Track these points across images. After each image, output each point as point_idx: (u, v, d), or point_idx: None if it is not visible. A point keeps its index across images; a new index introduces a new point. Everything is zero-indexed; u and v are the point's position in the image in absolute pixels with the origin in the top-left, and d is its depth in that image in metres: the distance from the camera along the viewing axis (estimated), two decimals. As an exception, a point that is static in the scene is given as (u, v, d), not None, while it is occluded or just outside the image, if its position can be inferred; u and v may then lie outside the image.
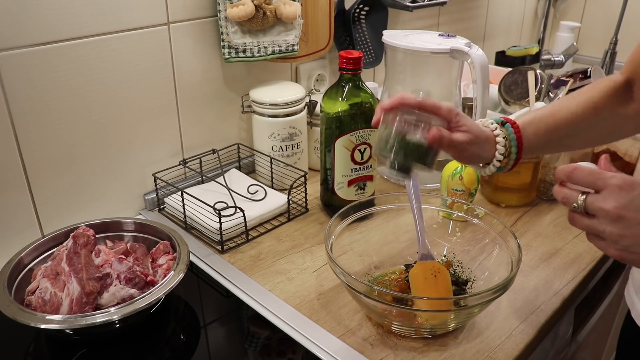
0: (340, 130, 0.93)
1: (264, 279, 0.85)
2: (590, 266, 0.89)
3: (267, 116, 1.05)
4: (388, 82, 1.12)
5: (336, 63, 1.05)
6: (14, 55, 0.80)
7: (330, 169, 0.97)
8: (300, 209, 1.04)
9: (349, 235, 0.85)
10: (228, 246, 0.93)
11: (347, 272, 0.70)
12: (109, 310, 0.70)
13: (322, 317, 0.78)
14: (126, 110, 0.95)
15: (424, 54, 1.02)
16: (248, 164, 1.16)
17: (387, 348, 0.72)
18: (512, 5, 1.91)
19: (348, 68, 0.91)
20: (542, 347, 0.81)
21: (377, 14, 1.33)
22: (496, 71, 1.43)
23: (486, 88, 1.00)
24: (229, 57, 1.02)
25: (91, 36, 0.87)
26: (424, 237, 0.81)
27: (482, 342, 0.74)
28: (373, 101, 0.93)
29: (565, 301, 0.82)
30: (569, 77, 1.38)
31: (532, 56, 1.77)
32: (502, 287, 0.69)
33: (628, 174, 1.09)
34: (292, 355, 0.74)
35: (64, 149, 0.89)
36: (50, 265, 0.77)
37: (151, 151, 1.02)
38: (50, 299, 0.73)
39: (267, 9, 0.99)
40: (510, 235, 0.78)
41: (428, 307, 0.73)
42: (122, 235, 0.88)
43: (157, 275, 0.80)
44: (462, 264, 0.85)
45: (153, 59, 0.96)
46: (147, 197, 1.03)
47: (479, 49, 0.98)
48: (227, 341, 0.78)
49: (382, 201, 0.90)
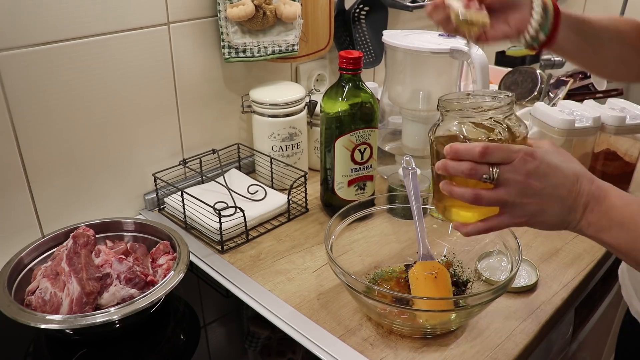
0: (340, 130, 0.93)
1: (264, 279, 0.85)
2: (590, 266, 0.89)
3: (267, 116, 1.05)
4: (388, 82, 1.12)
5: (336, 63, 1.05)
6: (14, 55, 0.80)
7: (330, 169, 0.97)
8: (300, 209, 1.04)
9: (349, 235, 0.85)
10: (228, 246, 0.93)
11: (347, 272, 0.70)
12: (109, 310, 0.70)
13: (322, 317, 0.78)
14: (126, 110, 0.95)
15: (424, 54, 1.02)
16: (248, 164, 1.16)
17: (387, 348, 0.72)
18: (512, 5, 1.91)
19: (348, 68, 0.91)
20: (542, 347, 0.81)
21: (377, 14, 1.33)
22: (496, 71, 1.43)
23: (486, 88, 1.00)
24: (229, 57, 1.02)
25: (91, 36, 0.87)
26: (424, 237, 0.81)
27: (482, 342, 0.74)
28: (373, 101, 0.93)
29: (565, 301, 0.82)
30: (569, 77, 1.38)
31: (532, 56, 1.77)
32: (502, 287, 0.69)
33: (628, 174, 1.10)
34: (292, 355, 0.74)
35: (64, 149, 0.89)
36: (50, 265, 0.77)
37: (151, 151, 1.02)
38: (50, 299, 0.73)
39: (267, 9, 0.99)
40: (510, 235, 0.78)
41: (428, 307, 0.73)
42: (122, 235, 0.88)
43: (157, 275, 0.80)
44: (462, 264, 0.85)
45: (153, 59, 0.96)
46: (147, 197, 1.03)
47: (479, 49, 0.98)
48: (227, 341, 0.78)
49: (382, 201, 0.90)
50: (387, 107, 1.15)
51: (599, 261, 0.91)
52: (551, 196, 0.58)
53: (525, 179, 0.58)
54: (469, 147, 0.58)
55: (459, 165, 0.59)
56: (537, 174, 0.58)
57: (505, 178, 0.58)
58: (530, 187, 0.58)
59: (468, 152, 0.58)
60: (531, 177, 0.58)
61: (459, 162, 0.59)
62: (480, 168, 0.58)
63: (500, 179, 0.58)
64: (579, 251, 0.92)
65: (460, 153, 0.59)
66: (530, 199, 0.58)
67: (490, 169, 0.58)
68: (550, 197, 0.59)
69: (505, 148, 0.58)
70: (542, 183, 0.58)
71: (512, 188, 0.58)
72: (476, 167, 0.58)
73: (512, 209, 0.59)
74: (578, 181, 0.59)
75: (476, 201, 0.60)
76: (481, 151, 0.57)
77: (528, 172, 0.58)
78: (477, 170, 0.58)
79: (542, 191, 0.58)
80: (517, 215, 0.60)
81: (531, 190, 0.58)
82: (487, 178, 0.58)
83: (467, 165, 0.58)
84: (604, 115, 1.03)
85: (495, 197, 0.59)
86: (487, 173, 0.58)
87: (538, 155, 0.58)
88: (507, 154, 0.58)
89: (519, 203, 0.58)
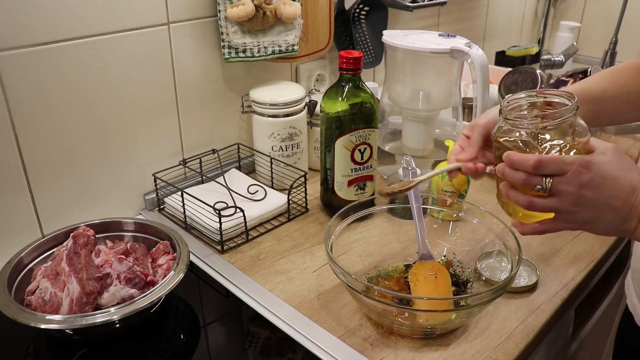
0: (340, 130, 0.93)
1: (264, 279, 0.85)
2: (590, 266, 0.89)
3: (267, 116, 1.05)
4: (388, 82, 1.13)
5: (336, 63, 1.05)
6: (14, 55, 0.80)
7: (330, 169, 0.97)
8: (300, 209, 1.04)
9: (349, 235, 0.86)
10: (228, 246, 0.93)
11: (347, 272, 0.70)
12: (109, 310, 0.70)
13: (322, 317, 0.78)
14: (126, 110, 0.95)
15: (424, 54, 1.02)
16: (248, 164, 1.16)
17: (387, 348, 0.72)
18: (512, 5, 1.91)
19: (348, 68, 0.91)
20: (542, 347, 0.81)
21: (377, 14, 1.33)
22: (496, 71, 1.43)
23: (486, 88, 1.00)
24: (229, 57, 1.02)
25: (91, 36, 0.87)
26: (424, 237, 0.81)
27: (482, 342, 0.74)
28: (373, 101, 0.93)
29: (565, 301, 0.82)
30: (569, 77, 1.38)
31: (532, 56, 1.77)
32: (502, 287, 0.69)
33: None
34: (292, 355, 0.74)
35: (64, 149, 0.89)
36: (50, 265, 0.77)
37: (151, 151, 1.02)
38: (50, 299, 0.73)
39: (267, 9, 0.99)
40: (510, 235, 0.78)
41: (428, 307, 0.73)
42: (122, 235, 0.88)
43: (157, 275, 0.80)
44: (462, 264, 0.85)
45: (153, 59, 0.96)
46: (147, 197, 1.03)
47: (479, 49, 0.98)
48: (227, 341, 0.78)
49: (382, 201, 0.90)
50: (387, 107, 1.15)
51: (599, 261, 0.91)
52: (604, 206, 0.59)
53: (578, 190, 0.59)
54: (523, 159, 0.60)
55: (515, 174, 0.61)
56: (590, 186, 0.58)
57: (558, 189, 0.59)
58: (583, 197, 0.59)
59: (522, 164, 0.60)
60: (584, 189, 0.59)
61: (515, 171, 0.61)
62: (533, 179, 0.60)
63: (553, 189, 0.59)
64: (579, 251, 0.92)
65: (515, 164, 0.61)
66: (583, 208, 0.60)
67: (544, 180, 0.59)
68: (603, 207, 0.59)
69: (559, 160, 0.59)
70: (595, 194, 0.59)
71: (565, 198, 0.60)
72: (530, 178, 0.60)
73: (565, 215, 0.61)
74: (634, 192, 0.59)
75: (529, 207, 0.62)
76: (534, 165, 0.59)
77: (581, 183, 0.58)
78: (531, 181, 0.60)
79: (595, 202, 0.59)
80: (570, 221, 0.62)
81: (584, 201, 0.59)
82: (540, 188, 0.60)
83: (522, 175, 0.61)
84: (604, 115, 1.03)
85: (547, 205, 0.61)
86: (541, 184, 0.60)
87: (593, 166, 0.59)
88: (561, 166, 0.59)
89: (572, 211, 0.60)
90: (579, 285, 0.85)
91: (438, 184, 0.99)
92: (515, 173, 0.61)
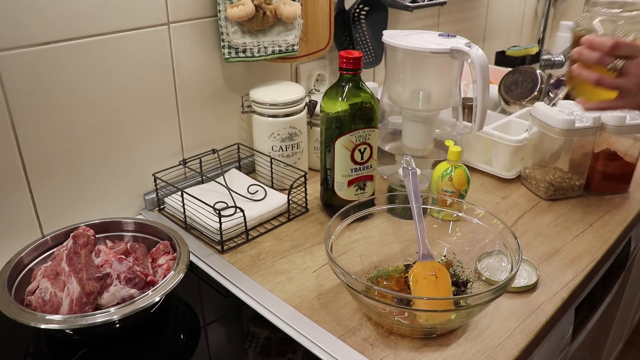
0: (340, 130, 0.93)
1: (264, 279, 0.85)
2: (590, 266, 0.89)
3: (267, 116, 1.05)
4: (388, 82, 1.12)
5: (336, 63, 1.05)
6: (14, 55, 0.80)
7: (330, 169, 0.97)
8: (300, 209, 1.04)
9: (349, 235, 0.85)
10: (228, 246, 0.93)
11: (347, 272, 0.70)
12: (109, 310, 0.70)
13: (322, 317, 0.78)
14: (126, 110, 0.95)
15: (424, 54, 1.02)
16: (248, 164, 1.16)
17: (387, 348, 0.72)
18: (512, 5, 1.91)
19: (348, 68, 0.91)
20: (542, 347, 0.81)
21: (377, 14, 1.33)
22: (496, 71, 1.42)
23: (486, 88, 1.00)
24: (229, 57, 1.02)
25: (91, 36, 0.87)
26: (424, 237, 0.81)
27: (482, 342, 0.74)
28: (373, 101, 0.93)
29: (565, 301, 0.82)
30: (569, 77, 1.37)
31: (532, 56, 1.77)
32: (502, 287, 0.69)
33: (628, 174, 1.10)
34: (292, 355, 0.74)
35: (64, 149, 0.89)
36: (50, 265, 0.77)
37: (151, 151, 1.02)
38: (50, 299, 0.73)
39: (267, 9, 0.99)
40: (510, 235, 0.78)
41: (428, 307, 0.73)
42: (122, 235, 0.88)
43: (157, 275, 0.80)
44: (462, 264, 0.85)
45: (153, 59, 0.96)
46: (147, 197, 1.03)
47: (479, 49, 0.98)
48: (227, 341, 0.78)
49: (382, 201, 0.90)
50: (387, 107, 1.15)
51: (599, 261, 0.91)
52: None
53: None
54: (602, 40, 0.72)
55: (591, 53, 0.73)
56: None
57: (627, 70, 0.71)
58: None
59: (600, 44, 0.72)
60: None
61: (592, 51, 0.73)
62: (607, 59, 0.72)
63: (623, 70, 0.71)
64: (579, 251, 0.92)
65: (594, 44, 0.73)
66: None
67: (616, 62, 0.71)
68: None
69: (634, 45, 0.70)
70: None
71: (632, 79, 0.71)
72: (605, 57, 0.72)
73: (628, 95, 0.72)
74: None
75: (598, 83, 0.73)
76: (612, 45, 0.70)
77: None
78: (605, 60, 0.72)
79: None
80: (631, 102, 0.73)
81: None
82: (612, 66, 0.71)
83: (597, 54, 0.72)
84: (603, 115, 1.03)
85: (615, 83, 0.72)
86: (613, 63, 0.71)
87: None
88: (634, 50, 0.70)
89: (636, 92, 0.71)
90: (579, 285, 0.85)
91: (438, 184, 0.99)
92: (592, 52, 0.72)
